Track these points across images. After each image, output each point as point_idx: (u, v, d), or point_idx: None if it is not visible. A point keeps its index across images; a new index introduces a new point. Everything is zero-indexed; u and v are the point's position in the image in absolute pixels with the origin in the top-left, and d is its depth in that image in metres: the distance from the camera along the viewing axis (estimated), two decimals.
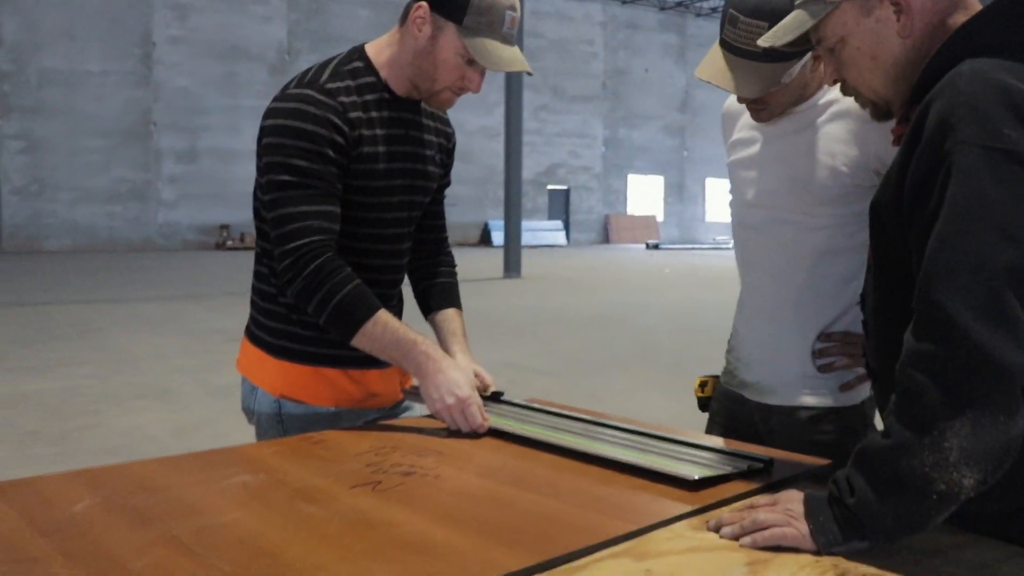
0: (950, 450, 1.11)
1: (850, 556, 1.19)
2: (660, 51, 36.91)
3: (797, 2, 1.47)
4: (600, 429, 1.83)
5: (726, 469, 1.54)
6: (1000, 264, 1.12)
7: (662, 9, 36.54)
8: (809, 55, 1.88)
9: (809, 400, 2.00)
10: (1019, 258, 1.12)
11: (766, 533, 1.23)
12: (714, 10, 36.75)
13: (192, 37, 27.34)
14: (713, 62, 1.92)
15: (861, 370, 1.96)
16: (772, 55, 1.83)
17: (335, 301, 1.84)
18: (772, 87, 1.90)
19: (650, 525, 1.30)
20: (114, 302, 13.82)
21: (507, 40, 1.91)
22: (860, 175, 1.93)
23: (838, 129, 1.95)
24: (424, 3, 1.90)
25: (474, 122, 30.44)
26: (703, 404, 2.31)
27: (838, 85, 1.85)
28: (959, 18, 1.35)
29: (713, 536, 1.27)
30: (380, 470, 1.55)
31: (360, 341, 1.87)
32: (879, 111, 1.46)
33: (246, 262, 22.34)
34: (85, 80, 26.02)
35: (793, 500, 1.27)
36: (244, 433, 2.16)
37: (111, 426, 6.19)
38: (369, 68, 2.00)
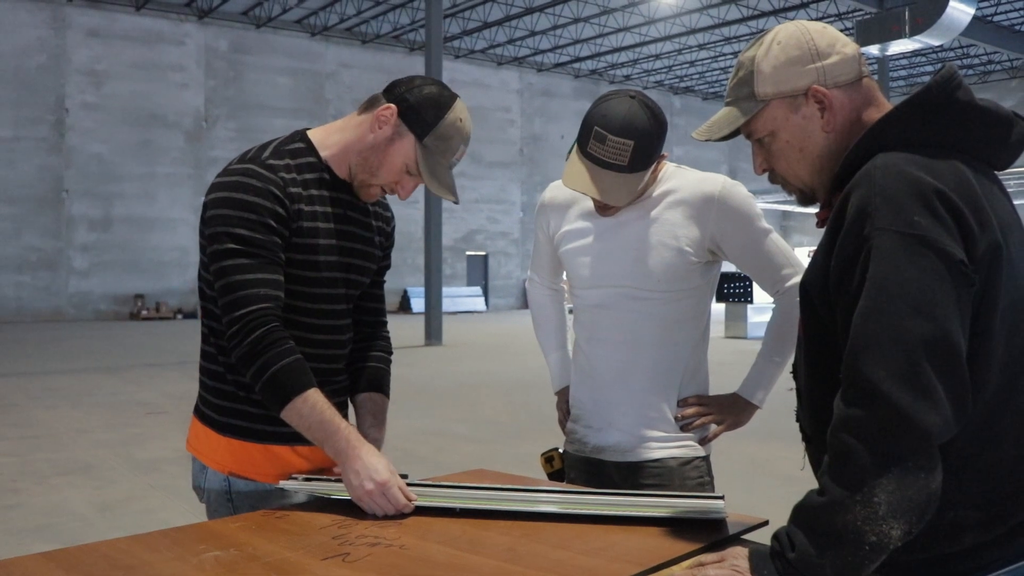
0: (879, 505, 1.23)
1: None
2: (575, 117, 37.58)
3: (729, 99, 1.62)
4: (545, 495, 1.90)
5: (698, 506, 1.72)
6: (916, 337, 1.25)
7: (576, 77, 37.41)
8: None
9: (678, 452, 2.27)
10: (932, 331, 1.26)
11: None
12: (627, 77, 37.76)
13: (107, 104, 27.01)
14: (578, 172, 2.14)
15: (714, 426, 2.30)
16: (635, 166, 2.10)
17: (271, 372, 1.88)
18: (634, 194, 2.15)
19: None
20: (28, 375, 13.44)
21: (451, 167, 2.05)
22: (700, 253, 2.21)
23: (677, 215, 2.21)
24: (394, 106, 2.00)
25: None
26: (556, 478, 2.48)
27: (671, 179, 2.22)
28: (872, 114, 1.52)
29: None
30: (346, 542, 1.61)
31: (288, 415, 1.90)
32: (805, 198, 1.61)
33: (162, 332, 21.90)
34: None
35: (739, 556, 1.38)
36: (173, 509, 2.19)
37: (33, 505, 6.03)
38: (311, 150, 2.08)
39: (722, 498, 1.73)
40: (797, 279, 2.21)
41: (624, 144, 2.08)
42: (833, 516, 1.26)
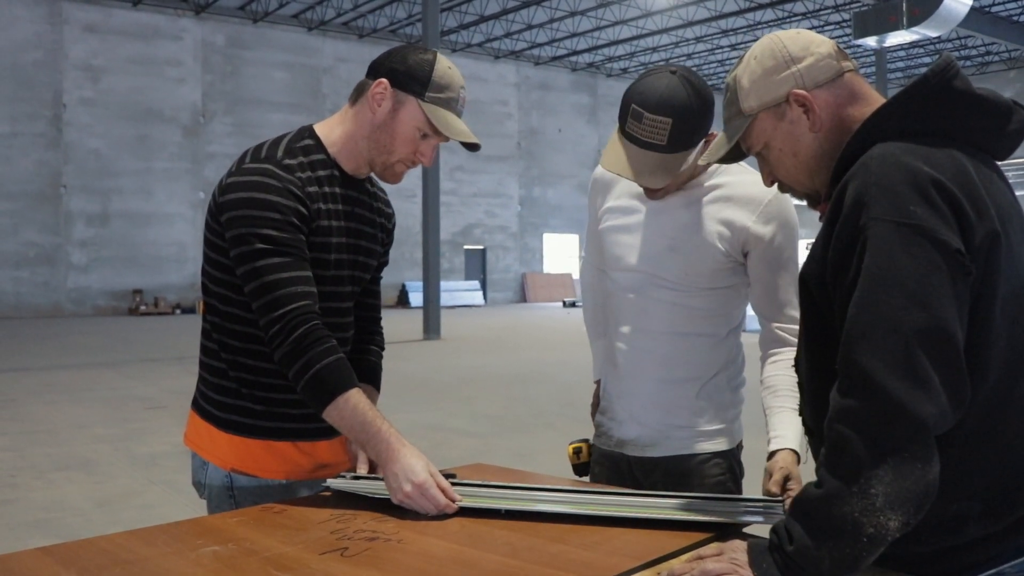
0: (876, 496, 1.23)
1: None
2: (572, 111, 37.63)
3: (724, 120, 1.65)
4: (582, 496, 1.86)
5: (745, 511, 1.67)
6: (911, 326, 1.25)
7: (573, 70, 37.34)
8: (701, 144, 2.04)
9: (701, 447, 2.19)
10: (927, 320, 1.26)
11: None
12: (624, 71, 37.69)
13: (104, 99, 26.95)
14: (616, 153, 2.04)
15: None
16: (675, 146, 1.98)
17: (313, 371, 1.86)
18: (674, 175, 2.04)
19: None
20: (26, 371, 13.42)
21: (460, 115, 2.05)
22: (735, 252, 2.13)
23: (721, 210, 2.13)
24: (384, 80, 2.00)
25: (390, 184, 30.34)
26: (580, 470, 2.39)
27: (725, 173, 2.13)
28: (860, 108, 1.53)
29: None
30: (345, 536, 1.61)
31: (330, 415, 1.88)
32: (812, 200, 1.62)
33: (161, 327, 21.87)
34: None
35: (738, 549, 1.38)
36: (172, 504, 2.18)
37: (32, 499, 6.03)
38: (320, 146, 2.07)
39: (781, 502, 1.67)
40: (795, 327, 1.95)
41: (661, 122, 1.96)
42: (830, 508, 1.26)
